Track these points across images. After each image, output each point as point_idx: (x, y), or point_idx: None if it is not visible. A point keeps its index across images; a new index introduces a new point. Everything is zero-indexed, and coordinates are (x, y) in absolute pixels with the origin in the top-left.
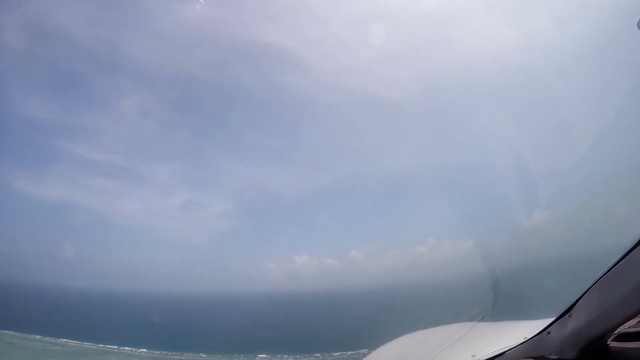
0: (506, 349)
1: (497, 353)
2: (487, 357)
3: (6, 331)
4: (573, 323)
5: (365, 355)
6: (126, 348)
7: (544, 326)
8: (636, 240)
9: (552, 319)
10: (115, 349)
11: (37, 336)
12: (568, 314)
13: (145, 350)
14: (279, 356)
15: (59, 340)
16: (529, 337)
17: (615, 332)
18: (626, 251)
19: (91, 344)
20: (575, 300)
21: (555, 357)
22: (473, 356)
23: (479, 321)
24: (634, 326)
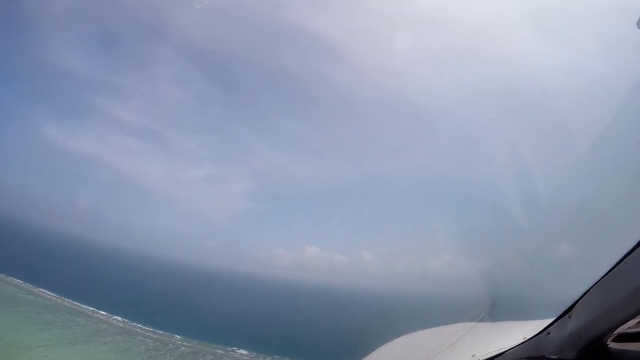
0: (506, 349)
1: (497, 353)
2: (487, 357)
3: None
4: (573, 323)
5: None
6: (102, 312)
7: (544, 326)
8: (636, 242)
9: (552, 319)
10: (89, 310)
11: (18, 281)
12: (568, 315)
13: (120, 318)
14: (261, 357)
15: (36, 290)
16: (528, 337)
17: (615, 332)
18: (626, 252)
19: (68, 299)
20: (575, 300)
21: (555, 357)
22: (473, 356)
23: (479, 321)
24: (633, 327)
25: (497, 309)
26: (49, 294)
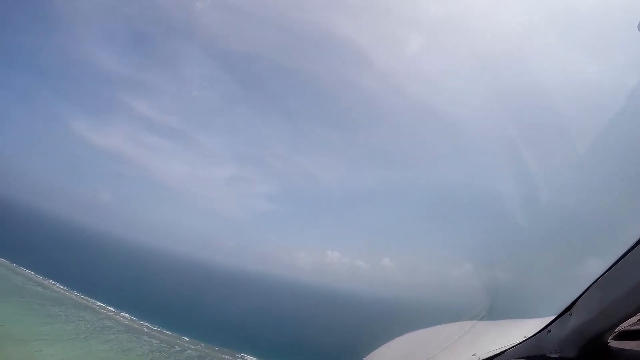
0: (506, 348)
1: (498, 352)
2: (488, 356)
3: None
4: (573, 321)
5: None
6: (110, 308)
7: (544, 325)
8: (636, 239)
9: (553, 318)
10: (97, 305)
11: (28, 271)
12: (568, 313)
13: (127, 315)
14: None
15: (46, 281)
16: (529, 336)
17: (616, 330)
18: (626, 250)
19: (77, 293)
20: (575, 298)
21: (556, 355)
22: (473, 355)
23: (479, 320)
24: (634, 324)
25: (498, 307)
26: (58, 287)
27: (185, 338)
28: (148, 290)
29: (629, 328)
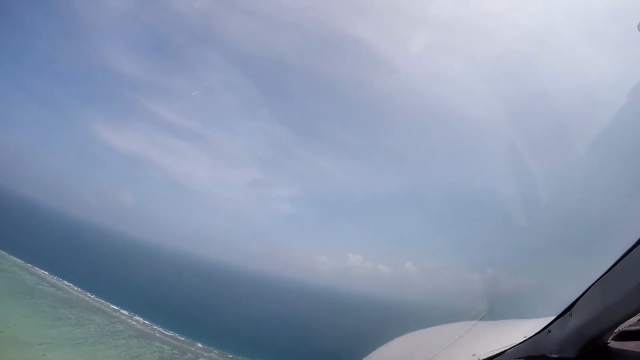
0: (506, 348)
1: (498, 352)
2: (488, 356)
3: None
4: (573, 322)
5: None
6: (123, 311)
7: (545, 325)
8: (636, 239)
9: (553, 318)
10: (110, 308)
11: (43, 272)
12: (568, 313)
13: (141, 319)
14: None
15: (60, 282)
16: (529, 336)
17: (616, 330)
18: (627, 250)
19: (91, 295)
20: (575, 298)
21: (556, 355)
22: (473, 355)
23: (479, 320)
24: (634, 325)
25: (498, 307)
26: (72, 288)
27: (199, 344)
28: (164, 294)
29: (629, 328)
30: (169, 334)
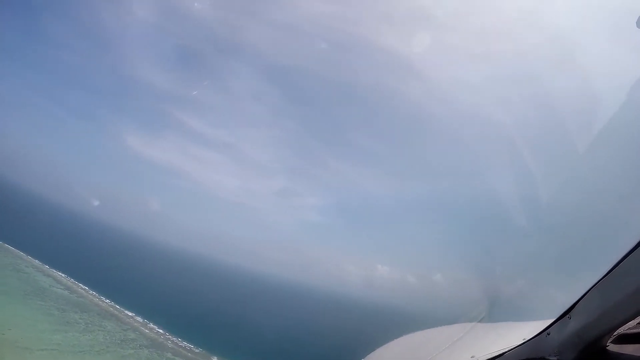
0: (505, 350)
1: (497, 354)
2: (487, 358)
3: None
4: (572, 324)
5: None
6: (138, 318)
7: (544, 327)
8: (636, 242)
9: (552, 320)
10: (125, 314)
11: (60, 274)
12: (568, 315)
13: (155, 327)
14: None
15: (75, 285)
16: (528, 338)
17: (615, 333)
18: (626, 253)
19: (107, 300)
20: (575, 301)
21: (555, 358)
22: (472, 357)
23: (479, 322)
24: (633, 328)
25: (497, 309)
26: (88, 292)
27: (215, 358)
28: (183, 301)
29: (628, 332)
30: (184, 345)
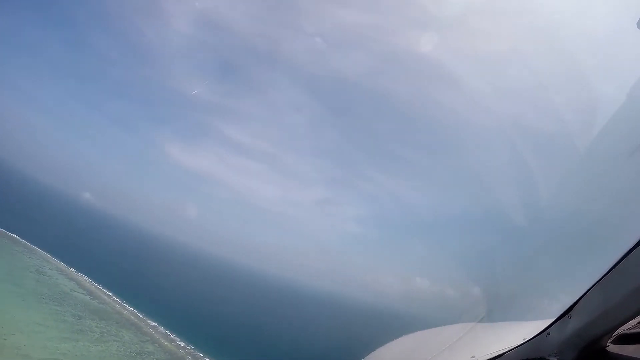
0: (505, 350)
1: (497, 354)
2: (487, 358)
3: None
4: (573, 324)
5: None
6: (161, 328)
7: (544, 327)
8: (636, 241)
9: (552, 320)
10: (146, 324)
11: (85, 277)
12: (568, 315)
13: (177, 339)
14: None
15: (100, 291)
16: (528, 338)
17: (615, 333)
18: (626, 252)
19: (130, 307)
20: (575, 301)
21: (555, 358)
22: (472, 357)
23: (479, 322)
24: (633, 327)
25: (497, 309)
26: (111, 298)
27: None
28: (215, 313)
29: (628, 331)
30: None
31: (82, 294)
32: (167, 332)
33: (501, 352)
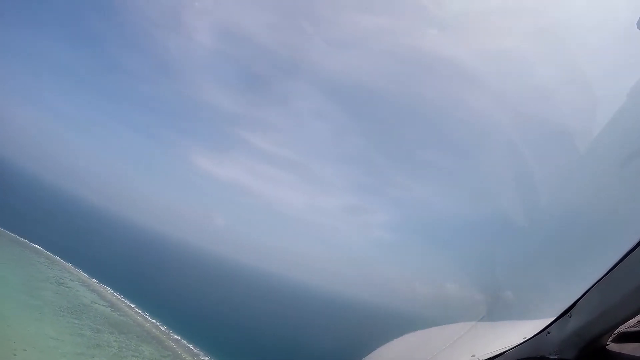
0: (506, 349)
1: (497, 353)
2: (487, 357)
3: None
4: (573, 323)
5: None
6: (184, 342)
7: (544, 326)
8: (637, 241)
9: (552, 319)
10: (168, 337)
11: (108, 288)
12: (568, 314)
13: (200, 353)
14: None
15: (123, 303)
16: (528, 337)
17: (615, 332)
18: (627, 251)
19: (153, 320)
20: (575, 300)
21: (555, 357)
22: (473, 356)
23: (479, 321)
24: (633, 326)
25: (497, 308)
26: (133, 309)
27: None
28: (242, 325)
29: (628, 330)
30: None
31: (103, 305)
32: (190, 346)
33: (502, 350)
